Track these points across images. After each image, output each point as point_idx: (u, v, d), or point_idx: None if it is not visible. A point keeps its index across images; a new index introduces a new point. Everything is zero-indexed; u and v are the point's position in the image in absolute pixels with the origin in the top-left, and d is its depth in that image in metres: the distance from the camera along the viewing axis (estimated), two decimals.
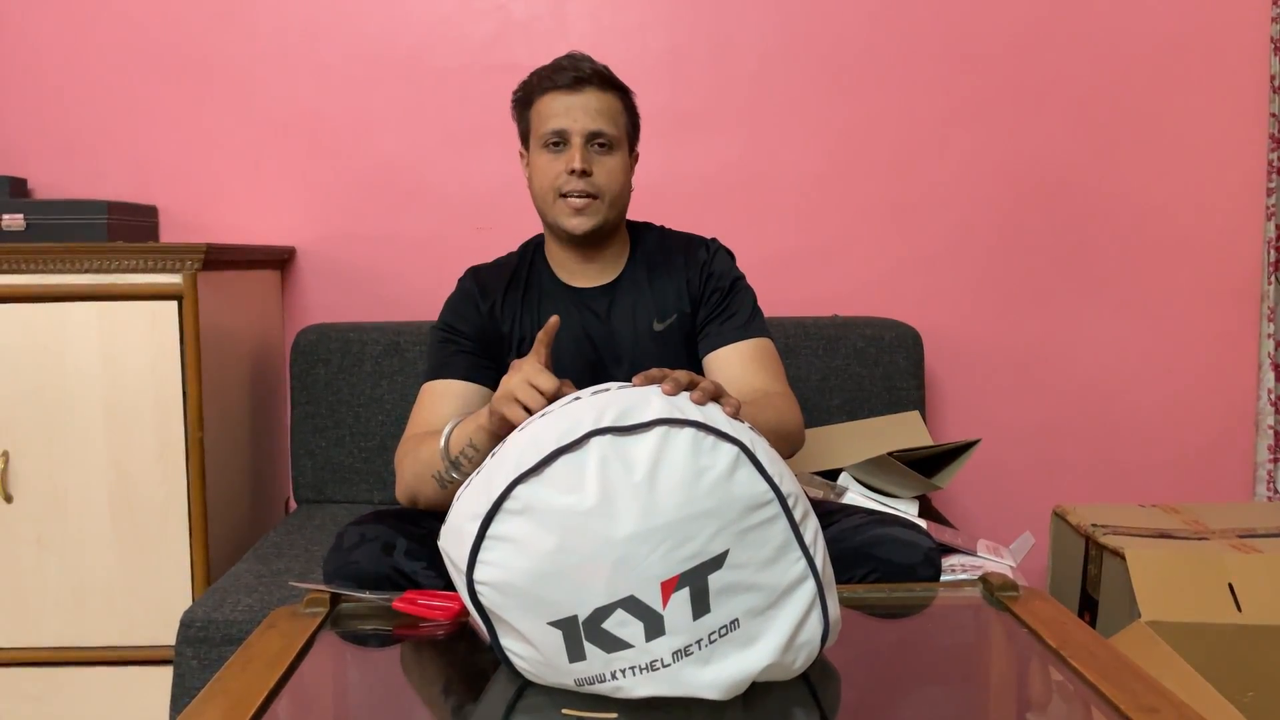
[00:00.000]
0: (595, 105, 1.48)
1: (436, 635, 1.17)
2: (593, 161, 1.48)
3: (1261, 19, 2.28)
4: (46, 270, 1.84)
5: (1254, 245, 2.33)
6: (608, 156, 1.49)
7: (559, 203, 1.50)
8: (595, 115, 1.48)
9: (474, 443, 1.31)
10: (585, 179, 1.47)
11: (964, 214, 2.33)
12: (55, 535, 1.87)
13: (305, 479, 2.16)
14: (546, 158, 1.50)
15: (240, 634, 1.54)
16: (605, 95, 1.50)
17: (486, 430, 1.26)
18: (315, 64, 2.30)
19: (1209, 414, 2.36)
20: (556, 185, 1.49)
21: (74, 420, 1.86)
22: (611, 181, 1.49)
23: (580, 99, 1.48)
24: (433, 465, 1.37)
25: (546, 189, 1.50)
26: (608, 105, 1.50)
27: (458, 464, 1.33)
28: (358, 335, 2.16)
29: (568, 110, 1.48)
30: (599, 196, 1.49)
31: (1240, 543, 1.82)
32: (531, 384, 1.15)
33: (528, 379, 1.16)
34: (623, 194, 1.53)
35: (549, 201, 1.51)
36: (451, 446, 1.34)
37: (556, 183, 1.49)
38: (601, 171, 1.49)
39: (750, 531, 0.95)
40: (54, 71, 2.30)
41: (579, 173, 1.47)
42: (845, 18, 2.29)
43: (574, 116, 1.47)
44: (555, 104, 1.48)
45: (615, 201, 1.51)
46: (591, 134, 1.48)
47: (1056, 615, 1.17)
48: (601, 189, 1.49)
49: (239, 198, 2.32)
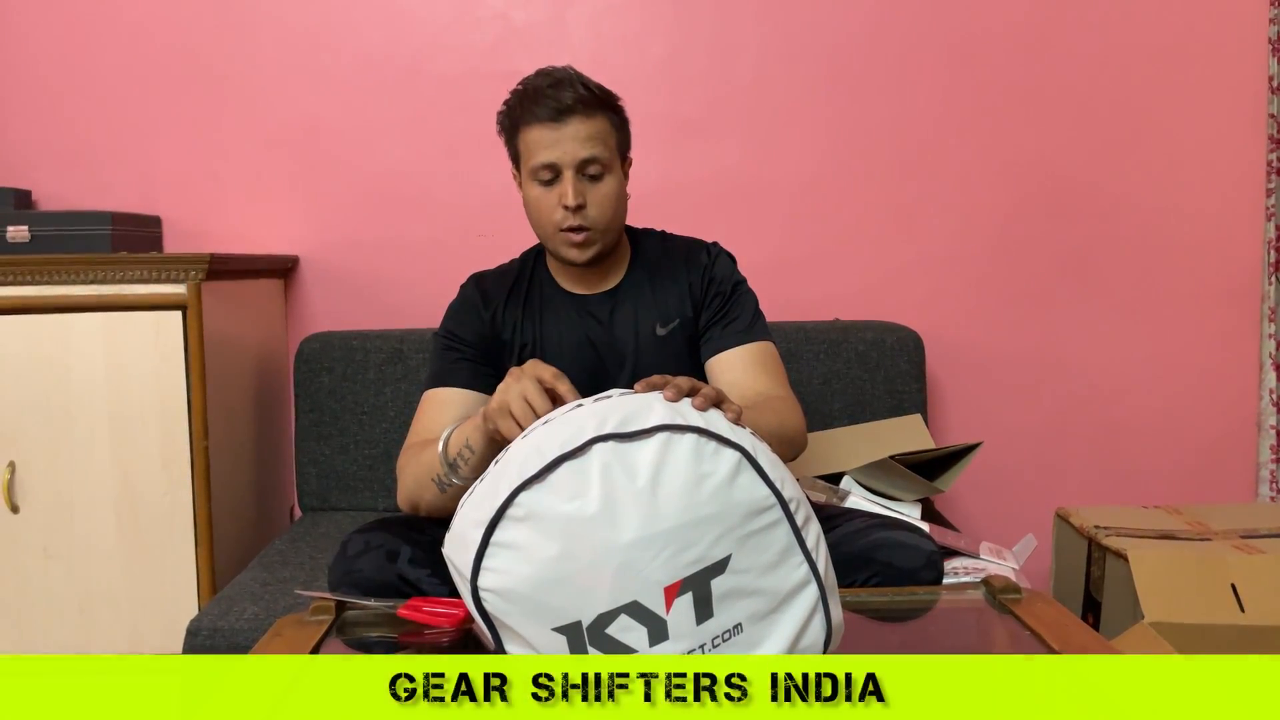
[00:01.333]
0: (582, 134, 1.44)
1: (441, 642, 1.18)
2: (585, 192, 1.46)
3: (1260, 20, 2.29)
4: (51, 281, 1.85)
5: (1254, 246, 2.33)
6: (600, 184, 1.47)
7: (558, 235, 1.49)
8: (584, 143, 1.45)
9: (470, 444, 1.31)
10: (579, 213, 1.46)
11: (964, 217, 2.33)
12: (62, 545, 1.88)
13: (309, 487, 2.17)
14: (539, 191, 1.48)
15: (246, 642, 1.55)
16: (590, 121, 1.45)
17: (483, 431, 1.27)
18: (316, 73, 2.31)
19: (1210, 415, 2.36)
20: (554, 220, 1.48)
21: (79, 430, 1.87)
22: (605, 210, 1.48)
23: (567, 130, 1.44)
24: (432, 469, 1.37)
25: (544, 223, 1.50)
26: (595, 130, 1.46)
27: (455, 466, 1.33)
28: (361, 343, 2.16)
29: (556, 143, 1.45)
30: (594, 227, 1.48)
31: (1243, 543, 1.82)
32: (526, 399, 1.16)
33: (524, 394, 1.16)
34: (617, 218, 1.52)
35: (547, 235, 1.51)
36: (450, 449, 1.34)
37: (553, 218, 1.48)
38: (594, 202, 1.47)
39: (753, 536, 0.95)
40: (57, 83, 2.31)
41: (573, 209, 1.46)
42: (844, 22, 2.30)
43: (563, 148, 1.44)
44: (541, 138, 1.45)
45: (610, 227, 1.50)
46: (582, 162, 1.46)
47: (1059, 617, 1.17)
48: (596, 220, 1.48)
49: (242, 207, 2.33)
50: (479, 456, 1.30)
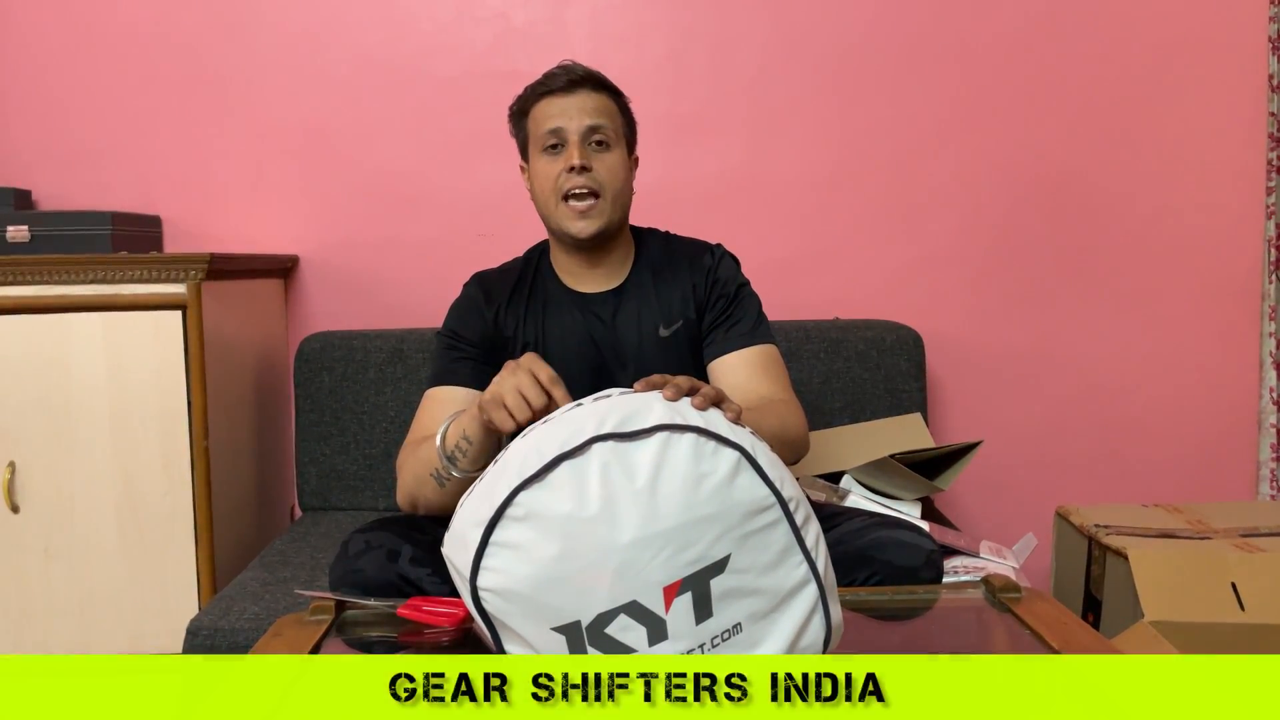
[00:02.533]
0: (590, 104, 1.50)
1: (441, 641, 1.18)
2: (591, 157, 1.49)
3: (1260, 18, 2.29)
4: (51, 281, 1.85)
5: (1254, 244, 2.33)
6: (606, 153, 1.50)
7: (562, 206, 1.50)
8: (591, 112, 1.50)
9: (468, 435, 1.31)
10: (585, 174, 1.48)
11: (964, 215, 2.33)
12: (62, 544, 1.88)
13: (310, 486, 2.17)
14: (546, 161, 1.51)
15: (246, 641, 1.55)
16: (599, 95, 1.52)
17: (479, 421, 1.26)
18: (316, 73, 2.31)
19: (1211, 413, 2.36)
20: (558, 186, 1.49)
21: (80, 430, 1.87)
22: (613, 178, 1.50)
23: (575, 99, 1.50)
24: (430, 464, 1.37)
25: (549, 192, 1.51)
26: (603, 104, 1.52)
27: (454, 459, 1.33)
28: (361, 343, 2.16)
29: (563, 110, 1.50)
30: (600, 194, 1.49)
31: (1243, 542, 1.82)
32: (521, 392, 1.16)
33: (519, 387, 1.17)
34: (624, 191, 1.53)
35: (552, 206, 1.51)
36: (447, 441, 1.34)
37: (558, 183, 1.49)
38: (602, 167, 1.49)
39: (752, 536, 0.95)
40: (57, 83, 2.31)
41: (579, 169, 1.47)
42: (844, 21, 2.30)
43: (570, 115, 1.49)
44: (551, 107, 1.50)
45: (617, 199, 1.51)
46: (589, 129, 1.49)
47: (1059, 616, 1.17)
48: (603, 184, 1.49)
49: (242, 207, 2.34)
50: (477, 447, 1.30)
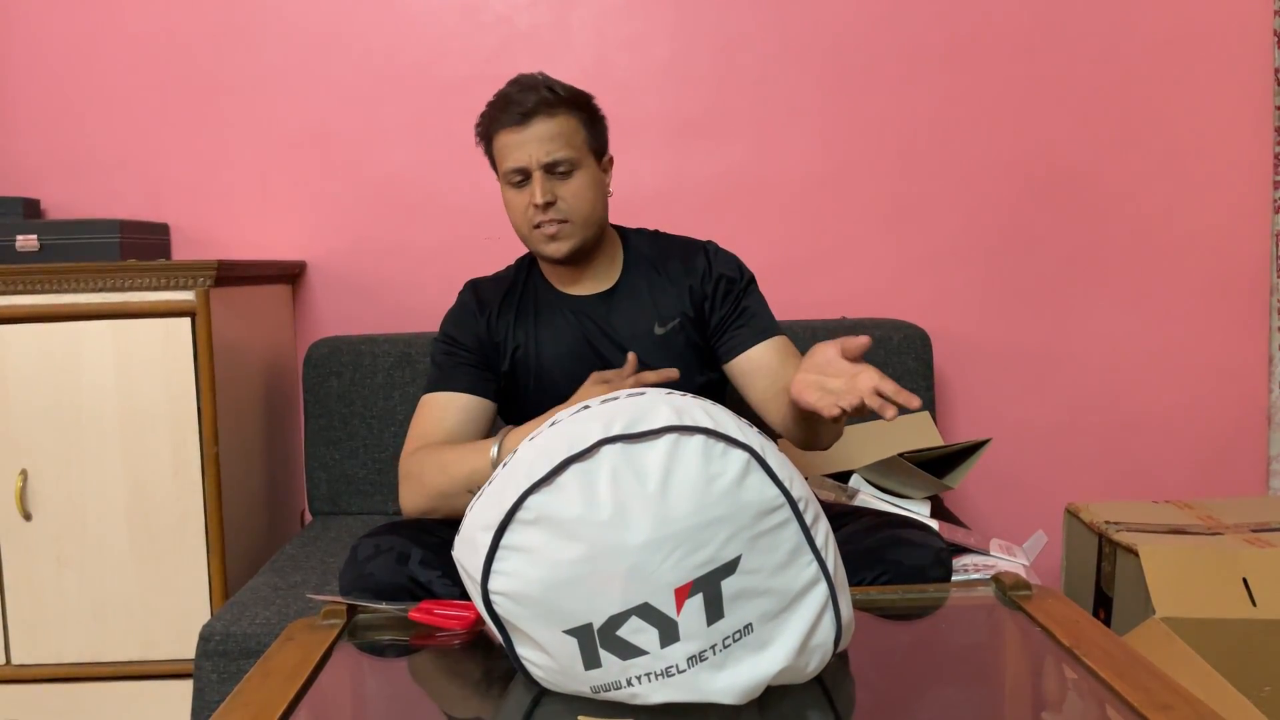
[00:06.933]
0: (547, 134, 1.47)
1: (453, 645, 1.18)
2: (555, 189, 1.49)
3: (1264, 12, 2.28)
4: (60, 290, 1.86)
5: (1261, 238, 2.33)
6: (570, 180, 1.49)
7: (534, 233, 1.52)
8: (549, 142, 1.47)
9: None
10: (550, 209, 1.49)
11: (970, 213, 2.33)
12: (74, 552, 1.89)
13: (320, 491, 2.18)
14: (513, 194, 1.52)
15: (259, 647, 1.56)
16: (555, 120, 1.48)
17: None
18: (322, 79, 2.32)
19: (1220, 409, 2.36)
20: (528, 219, 1.51)
21: (90, 438, 1.88)
22: (579, 203, 1.50)
23: (530, 132, 1.47)
24: (477, 475, 1.37)
25: (520, 224, 1.53)
26: (560, 129, 1.48)
27: None
28: (369, 347, 2.17)
29: (521, 145, 1.48)
30: (569, 220, 1.50)
31: (1254, 537, 1.81)
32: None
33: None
34: (594, 210, 1.53)
35: (525, 231, 1.53)
36: (503, 454, 1.34)
37: (527, 216, 1.51)
38: (567, 193, 1.49)
39: (762, 536, 0.95)
40: (65, 92, 2.32)
41: (542, 207, 1.48)
42: (845, 20, 2.30)
43: (528, 151, 1.47)
44: (509, 142, 1.49)
45: (588, 220, 1.52)
46: (548, 165, 1.48)
47: (1070, 614, 1.17)
48: (570, 212, 1.50)
49: (249, 213, 2.34)
50: None
